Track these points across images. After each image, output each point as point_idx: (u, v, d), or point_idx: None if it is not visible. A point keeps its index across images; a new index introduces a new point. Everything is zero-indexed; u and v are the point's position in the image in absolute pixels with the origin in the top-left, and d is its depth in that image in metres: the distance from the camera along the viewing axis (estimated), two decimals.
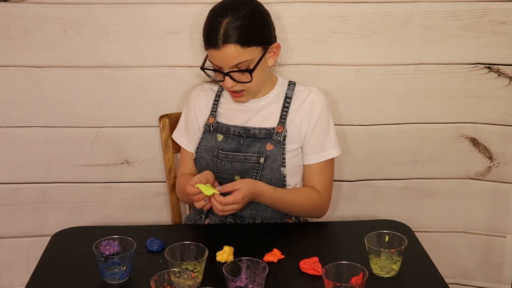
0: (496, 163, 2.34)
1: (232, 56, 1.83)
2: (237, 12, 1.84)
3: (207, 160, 1.97)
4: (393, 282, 1.63)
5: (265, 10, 1.94)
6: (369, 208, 2.40)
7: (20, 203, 2.34)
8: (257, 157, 1.92)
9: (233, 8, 1.85)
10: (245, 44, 1.83)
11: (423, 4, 2.16)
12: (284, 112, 1.96)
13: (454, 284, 2.50)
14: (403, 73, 2.24)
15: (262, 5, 1.94)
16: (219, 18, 1.84)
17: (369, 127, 2.31)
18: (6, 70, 2.19)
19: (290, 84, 2.02)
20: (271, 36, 1.93)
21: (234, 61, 1.84)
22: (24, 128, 2.26)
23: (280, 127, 1.94)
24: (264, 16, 1.92)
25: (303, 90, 2.00)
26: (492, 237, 2.43)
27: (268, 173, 1.92)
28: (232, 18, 1.83)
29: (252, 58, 1.85)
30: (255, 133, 1.95)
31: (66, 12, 2.13)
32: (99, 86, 2.22)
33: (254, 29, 1.86)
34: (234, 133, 1.96)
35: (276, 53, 1.95)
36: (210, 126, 1.99)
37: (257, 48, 1.87)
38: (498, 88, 2.25)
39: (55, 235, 1.91)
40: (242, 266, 1.56)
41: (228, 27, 1.82)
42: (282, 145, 1.93)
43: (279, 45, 1.95)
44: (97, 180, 2.34)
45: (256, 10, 1.90)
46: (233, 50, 1.83)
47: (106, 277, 1.63)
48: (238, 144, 1.95)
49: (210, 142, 1.98)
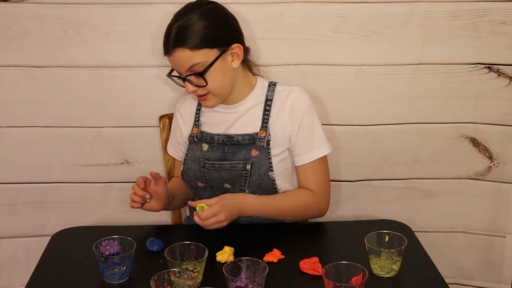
0: (496, 163, 2.34)
1: (183, 59, 1.81)
2: (186, 17, 1.82)
3: (194, 171, 1.95)
4: (393, 282, 1.63)
5: (223, 12, 1.89)
6: (369, 208, 2.40)
7: (20, 203, 2.35)
8: (243, 164, 1.90)
9: (185, 13, 1.84)
10: (194, 47, 1.80)
11: (423, 4, 2.16)
12: (265, 115, 1.93)
13: (454, 284, 2.50)
14: (403, 73, 2.24)
15: (220, 7, 1.90)
16: (170, 23, 1.84)
17: (369, 127, 2.31)
18: (6, 70, 2.19)
19: (271, 85, 1.97)
20: (227, 38, 1.86)
21: (186, 64, 1.82)
22: (24, 128, 2.26)
23: (262, 132, 1.91)
24: (218, 18, 1.87)
25: (283, 90, 1.95)
26: (492, 237, 2.43)
27: (256, 179, 1.91)
28: (181, 22, 1.81)
29: (205, 61, 1.82)
30: (239, 140, 1.92)
31: (66, 12, 2.13)
32: (99, 86, 2.22)
33: (204, 32, 1.81)
34: (218, 141, 1.94)
35: (240, 55, 1.88)
36: (194, 136, 1.98)
37: (210, 50, 1.82)
38: (498, 88, 2.25)
39: (55, 235, 1.91)
40: (242, 266, 1.56)
41: (177, 32, 1.80)
42: (267, 150, 1.90)
43: (240, 47, 1.88)
44: (97, 180, 2.34)
45: (209, 12, 1.85)
46: (182, 54, 1.81)
47: (106, 277, 1.63)
48: (223, 153, 1.93)
49: (196, 153, 1.96)
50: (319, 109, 2.24)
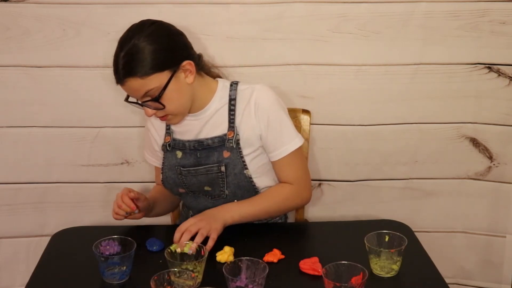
0: (496, 163, 2.34)
1: (136, 87, 1.76)
2: (129, 44, 1.74)
3: (173, 178, 1.95)
4: (393, 282, 1.63)
5: (168, 31, 1.82)
6: (369, 208, 2.40)
7: (20, 203, 2.35)
8: (217, 167, 1.90)
9: (127, 40, 1.76)
10: (144, 74, 1.73)
11: (423, 4, 2.16)
12: (231, 116, 1.90)
13: (454, 284, 2.50)
14: (403, 73, 2.24)
15: (164, 27, 1.82)
16: (116, 52, 1.77)
17: (369, 127, 2.31)
18: (6, 70, 2.19)
19: (232, 84, 1.93)
20: (176, 58, 1.80)
21: (140, 92, 1.77)
22: (24, 128, 2.26)
23: (230, 132, 1.89)
24: (163, 39, 1.79)
25: (246, 89, 1.91)
26: (492, 237, 2.43)
27: (233, 179, 1.91)
28: (125, 51, 1.74)
29: (158, 85, 1.76)
30: (209, 144, 1.91)
31: (66, 12, 2.13)
32: (99, 86, 2.22)
33: (150, 58, 1.74)
34: (190, 147, 1.93)
35: (192, 71, 1.82)
36: (167, 145, 1.96)
37: (161, 73, 1.76)
38: (498, 88, 2.25)
39: (55, 235, 1.91)
40: (242, 266, 1.56)
41: (125, 62, 1.74)
42: (238, 150, 1.89)
43: (191, 63, 1.81)
44: (97, 180, 2.34)
45: (153, 35, 1.77)
46: (134, 83, 1.75)
47: (106, 277, 1.63)
48: (196, 158, 1.92)
49: (171, 161, 1.95)
50: (319, 109, 2.25)
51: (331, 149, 2.30)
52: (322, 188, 2.38)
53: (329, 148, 2.30)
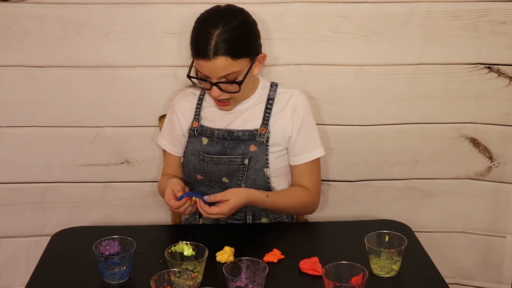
0: (496, 163, 2.34)
1: (222, 67, 1.83)
2: (228, 24, 1.83)
3: (194, 163, 1.99)
4: (393, 282, 1.63)
5: (253, 20, 1.93)
6: (369, 208, 2.40)
7: (20, 203, 2.35)
8: (241, 159, 1.94)
9: (224, 19, 1.85)
10: (235, 56, 1.83)
11: (423, 4, 2.16)
12: (267, 113, 1.98)
13: (454, 284, 2.50)
14: (403, 73, 2.24)
15: (250, 15, 1.93)
16: (209, 29, 1.83)
17: (369, 127, 2.31)
18: (6, 70, 2.19)
19: (272, 85, 2.03)
20: (259, 47, 1.94)
21: (224, 72, 1.84)
22: (24, 128, 2.26)
23: (263, 129, 1.95)
24: (252, 27, 1.92)
25: (285, 92, 2.01)
26: (492, 237, 2.43)
27: (252, 173, 1.94)
28: (224, 30, 1.82)
29: (240, 69, 1.86)
30: (239, 135, 1.96)
31: (66, 12, 2.13)
32: (99, 86, 2.22)
33: (244, 42, 1.87)
34: (218, 136, 1.97)
35: (262, 63, 1.96)
36: (195, 130, 2.00)
37: (246, 59, 1.87)
38: (498, 88, 2.25)
39: (55, 235, 1.91)
40: (242, 266, 1.56)
41: (219, 40, 1.81)
42: (265, 146, 1.95)
43: (265, 56, 1.95)
44: (97, 180, 2.34)
45: (246, 21, 1.90)
46: (223, 62, 1.82)
47: (106, 277, 1.63)
48: (222, 147, 1.96)
49: (196, 146, 1.99)
50: (319, 109, 2.25)
51: (331, 149, 2.30)
52: (322, 188, 2.38)
53: (329, 148, 2.30)
